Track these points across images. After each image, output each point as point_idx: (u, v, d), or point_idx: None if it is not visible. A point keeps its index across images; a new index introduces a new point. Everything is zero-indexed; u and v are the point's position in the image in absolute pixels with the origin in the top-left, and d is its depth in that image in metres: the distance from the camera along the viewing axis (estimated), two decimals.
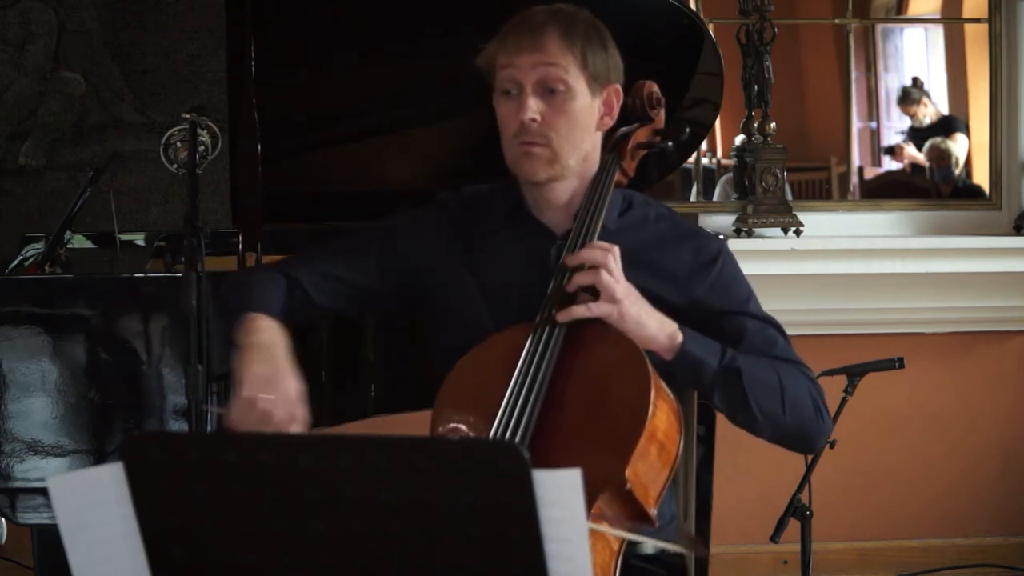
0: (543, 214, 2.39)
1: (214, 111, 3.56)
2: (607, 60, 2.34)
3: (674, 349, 2.23)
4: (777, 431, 2.30)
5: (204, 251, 2.53)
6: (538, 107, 2.29)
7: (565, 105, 2.29)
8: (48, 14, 4.32)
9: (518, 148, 2.31)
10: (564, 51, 2.28)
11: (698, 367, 2.24)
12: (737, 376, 2.25)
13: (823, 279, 4.46)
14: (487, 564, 1.60)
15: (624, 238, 2.33)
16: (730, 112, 4.52)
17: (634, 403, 2.12)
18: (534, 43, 2.28)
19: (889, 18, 5.25)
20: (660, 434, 2.14)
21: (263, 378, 2.19)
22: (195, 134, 2.88)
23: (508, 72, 2.30)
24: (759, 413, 2.26)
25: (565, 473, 1.55)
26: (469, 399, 2.23)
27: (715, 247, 2.39)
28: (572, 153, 2.32)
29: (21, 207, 4.29)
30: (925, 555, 4.60)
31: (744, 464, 4.45)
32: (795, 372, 2.31)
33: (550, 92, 2.29)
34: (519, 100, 2.30)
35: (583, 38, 2.30)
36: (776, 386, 2.27)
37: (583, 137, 2.33)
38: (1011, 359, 4.64)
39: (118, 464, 1.67)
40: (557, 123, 2.29)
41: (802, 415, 2.29)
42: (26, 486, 2.89)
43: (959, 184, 5.00)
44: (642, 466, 2.11)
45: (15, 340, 2.88)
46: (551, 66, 2.28)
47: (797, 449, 2.41)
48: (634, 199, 2.43)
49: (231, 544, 1.66)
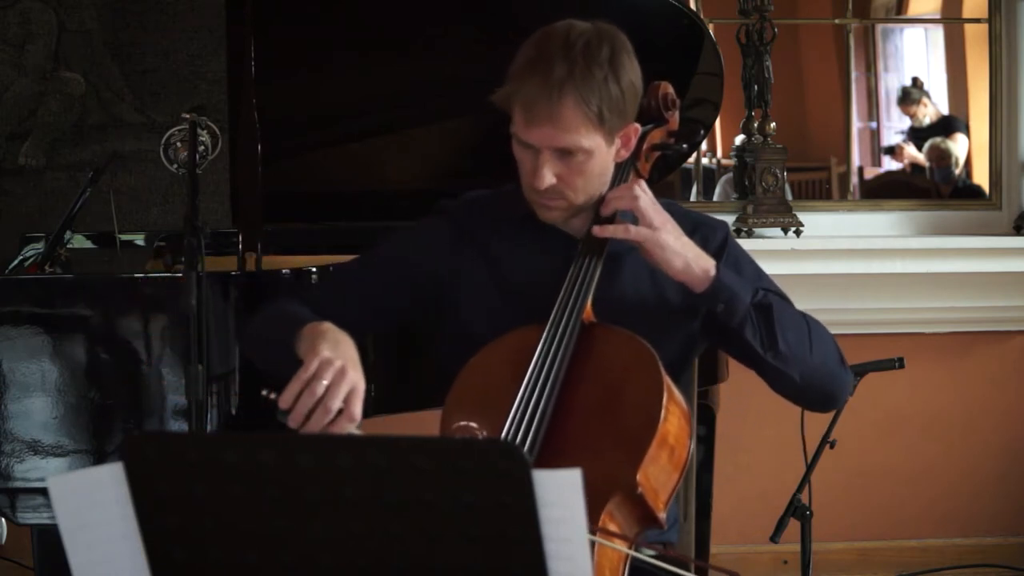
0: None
1: (214, 111, 3.56)
2: (624, 102, 2.26)
3: (708, 280, 2.24)
4: (805, 375, 2.30)
5: (204, 251, 2.53)
6: (554, 170, 2.26)
7: (583, 166, 2.27)
8: (48, 14, 4.32)
9: (533, 196, 2.32)
10: (580, 118, 2.22)
11: (731, 300, 2.25)
12: (768, 311, 2.26)
13: (823, 279, 4.46)
14: (487, 564, 1.60)
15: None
16: (730, 112, 4.52)
17: (646, 406, 2.12)
18: (550, 114, 2.21)
19: (889, 18, 5.25)
20: (671, 438, 2.13)
21: (327, 362, 2.10)
22: (195, 134, 2.88)
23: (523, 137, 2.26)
24: (788, 351, 2.27)
25: (565, 473, 1.55)
26: (480, 400, 2.23)
27: (720, 234, 2.41)
28: (590, 199, 2.33)
29: (21, 207, 4.29)
30: (925, 555, 4.60)
31: (744, 464, 4.46)
32: (818, 324, 2.34)
33: (567, 153, 2.25)
34: (535, 161, 2.26)
35: (599, 93, 2.22)
36: (804, 327, 2.30)
37: (601, 181, 2.33)
38: (1011, 359, 4.64)
39: (118, 464, 1.67)
40: (574, 182, 2.28)
41: (828, 359, 2.32)
42: (26, 486, 2.89)
43: (959, 184, 5.00)
44: (653, 470, 2.11)
45: (15, 340, 2.88)
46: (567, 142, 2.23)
47: (820, 403, 2.40)
48: None
49: (231, 544, 1.66)
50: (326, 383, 2.07)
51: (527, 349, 2.20)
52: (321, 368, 2.08)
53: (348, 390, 2.08)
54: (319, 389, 2.07)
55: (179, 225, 2.61)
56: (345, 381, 2.08)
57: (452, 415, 2.24)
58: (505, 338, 2.26)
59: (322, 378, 2.07)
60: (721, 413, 3.67)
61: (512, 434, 2.12)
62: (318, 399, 2.07)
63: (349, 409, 2.08)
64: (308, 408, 2.06)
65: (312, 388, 2.07)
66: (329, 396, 2.07)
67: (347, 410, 2.08)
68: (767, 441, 4.44)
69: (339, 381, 2.08)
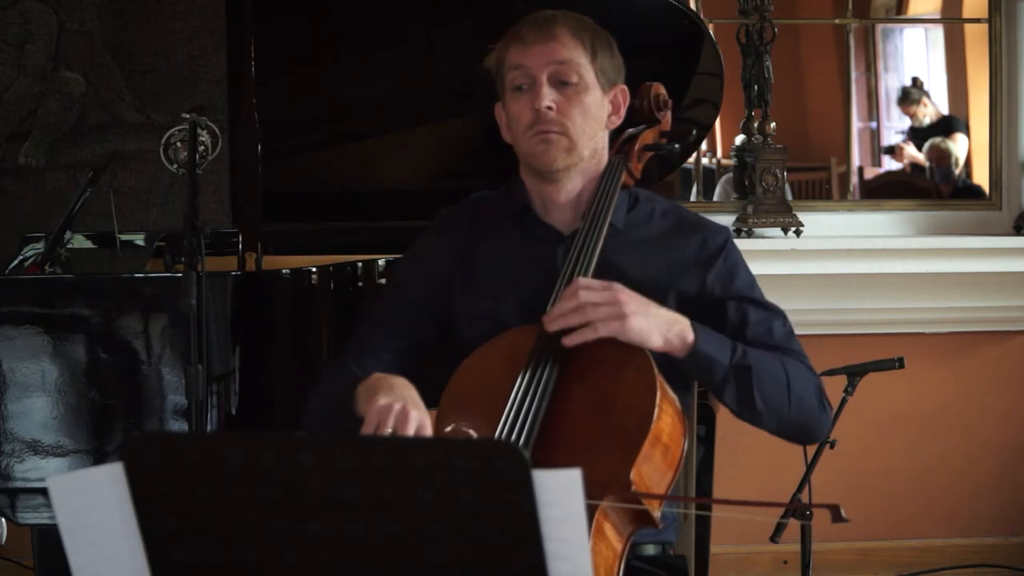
0: (550, 215, 2.40)
1: (214, 111, 3.56)
2: (613, 59, 2.38)
3: (686, 349, 2.23)
4: (782, 425, 2.32)
5: (204, 251, 2.53)
6: (553, 96, 2.31)
7: (579, 96, 2.32)
8: (48, 14, 4.32)
9: (534, 138, 2.33)
10: (576, 43, 2.32)
11: (710, 365, 2.25)
12: (747, 373, 2.26)
13: (823, 279, 4.46)
14: (487, 564, 1.60)
15: (632, 234, 2.38)
16: (730, 112, 4.52)
17: (639, 405, 2.12)
18: (547, 34, 2.32)
19: (889, 18, 5.25)
20: (665, 436, 2.14)
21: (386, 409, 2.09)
22: (195, 134, 2.88)
23: (520, 66, 2.33)
24: (765, 408, 2.28)
25: (565, 473, 1.55)
26: (474, 399, 2.23)
27: (720, 238, 2.41)
28: (587, 143, 2.35)
29: (21, 207, 4.29)
30: (925, 555, 4.60)
31: (744, 464, 4.45)
32: (799, 365, 2.33)
33: (564, 84, 2.32)
34: (532, 92, 2.32)
35: (591, 34, 2.35)
36: (783, 381, 2.29)
37: (596, 130, 2.36)
38: (1011, 359, 4.64)
39: (118, 464, 1.67)
40: (572, 112, 2.32)
41: (806, 409, 2.32)
42: (26, 486, 2.89)
43: (959, 184, 5.00)
44: (647, 468, 2.11)
45: (15, 340, 2.88)
46: (564, 58, 2.31)
47: (799, 441, 2.43)
48: (640, 195, 2.45)
49: (231, 544, 1.66)
50: (390, 430, 2.07)
51: (520, 350, 2.21)
52: (382, 417, 2.08)
53: (415, 428, 2.08)
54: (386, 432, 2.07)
55: (179, 225, 2.61)
56: (409, 421, 2.08)
57: (446, 416, 2.24)
58: (498, 339, 2.27)
59: (386, 426, 2.07)
60: (721, 413, 3.66)
61: (506, 434, 2.12)
62: None
63: None
64: None
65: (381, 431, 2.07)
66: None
67: None
68: (767, 441, 4.40)
69: (403, 423, 2.08)
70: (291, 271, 3.03)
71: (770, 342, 2.33)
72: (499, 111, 2.41)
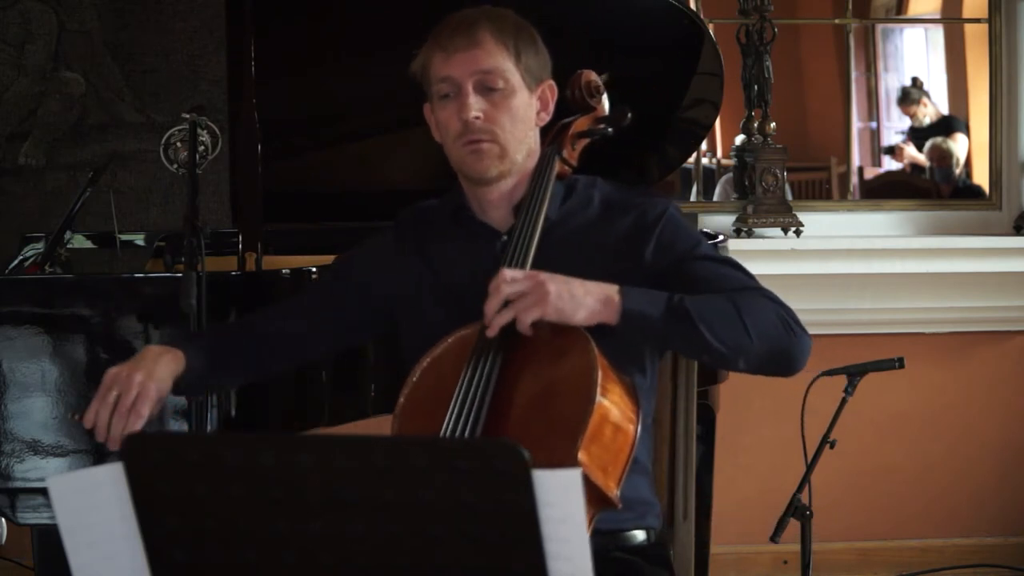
0: (486, 214, 2.40)
1: (214, 111, 3.56)
2: (539, 57, 2.36)
3: (616, 312, 2.18)
4: (752, 359, 2.23)
5: (204, 251, 2.53)
6: (479, 105, 2.30)
7: (506, 101, 2.31)
8: (48, 14, 4.32)
9: (464, 148, 2.32)
10: (499, 47, 2.30)
11: (644, 320, 2.19)
12: (687, 317, 2.19)
13: (823, 279, 4.46)
14: (487, 564, 1.60)
15: (568, 224, 2.36)
16: (730, 112, 4.52)
17: (580, 386, 2.12)
18: (469, 40, 2.30)
19: (889, 18, 5.25)
20: (613, 416, 2.13)
21: (115, 376, 2.26)
22: (195, 134, 2.88)
23: (445, 78, 2.31)
24: (723, 347, 2.20)
25: (565, 473, 1.55)
26: (424, 402, 2.24)
27: (658, 209, 2.36)
28: (518, 147, 2.33)
29: (21, 207, 4.29)
30: (925, 555, 4.60)
31: (744, 464, 4.46)
32: (754, 296, 2.26)
33: (489, 90, 2.30)
34: (459, 101, 2.31)
35: (515, 34, 2.33)
36: (733, 314, 2.20)
37: (526, 132, 2.35)
38: (1011, 359, 4.64)
39: (118, 464, 1.67)
40: (500, 119, 2.30)
41: (771, 335, 2.22)
42: (26, 486, 2.89)
43: (959, 184, 5.00)
44: (596, 448, 2.10)
45: (15, 340, 2.88)
46: (488, 67, 2.29)
47: (780, 372, 2.29)
48: (577, 184, 2.42)
49: (231, 544, 1.66)
50: (116, 393, 2.24)
51: (466, 347, 2.21)
52: (111, 382, 2.26)
53: (136, 394, 2.24)
54: (110, 399, 2.24)
55: (179, 225, 2.61)
56: (132, 386, 2.24)
57: (399, 422, 2.25)
58: (445, 341, 2.27)
59: (112, 390, 2.24)
60: (721, 413, 3.67)
61: (451, 430, 2.13)
62: (111, 408, 2.23)
63: (136, 409, 2.23)
64: (105, 419, 2.23)
65: (105, 400, 2.24)
66: (120, 403, 2.23)
67: (134, 410, 2.23)
68: (767, 441, 4.44)
69: (127, 388, 2.24)
70: (291, 271, 3.03)
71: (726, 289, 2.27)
72: (428, 112, 2.40)
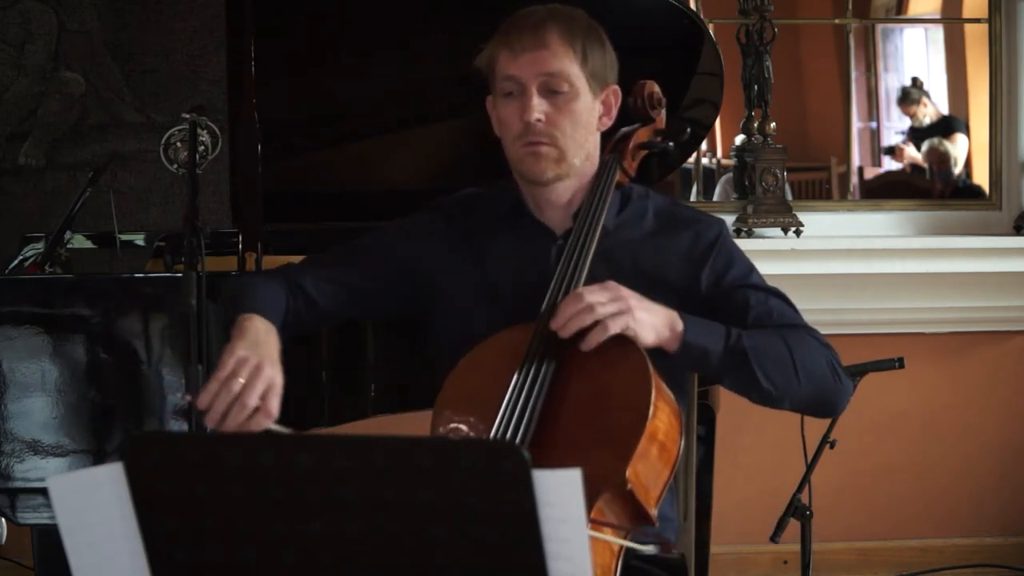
0: (543, 214, 2.40)
1: (214, 111, 3.56)
2: (605, 59, 2.35)
3: (677, 339, 2.21)
4: (796, 402, 2.29)
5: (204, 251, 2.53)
6: (542, 107, 2.29)
7: (569, 105, 2.30)
8: (48, 14, 4.32)
9: (523, 149, 2.31)
10: (566, 49, 2.29)
11: (704, 354, 2.23)
12: (743, 356, 2.23)
13: (823, 279, 4.46)
14: (487, 564, 1.60)
15: (621, 235, 2.37)
16: (730, 112, 4.52)
17: (635, 403, 2.12)
18: (536, 41, 2.28)
19: (889, 18, 5.25)
20: (661, 434, 2.14)
21: (243, 360, 2.12)
22: (195, 134, 2.88)
23: (510, 73, 2.30)
24: (773, 388, 2.25)
25: (565, 473, 1.55)
26: (470, 399, 2.23)
27: (712, 233, 2.39)
28: (577, 152, 2.33)
29: (21, 207, 4.29)
30: (925, 555, 4.60)
31: (744, 464, 4.45)
32: (805, 338, 2.30)
33: (553, 93, 2.29)
34: (522, 101, 2.30)
35: (583, 36, 2.31)
36: (787, 357, 2.26)
37: (586, 137, 2.34)
38: (1011, 359, 4.64)
39: (118, 464, 1.67)
40: (562, 123, 2.30)
41: (819, 381, 2.28)
42: (26, 486, 2.89)
43: (959, 184, 5.00)
44: (643, 466, 2.11)
45: (15, 340, 2.88)
46: (554, 69, 2.28)
47: (819, 415, 2.40)
48: (632, 194, 2.43)
49: (231, 544, 1.66)
50: (242, 381, 2.09)
51: (516, 349, 2.21)
52: (237, 366, 2.11)
53: (265, 387, 2.10)
54: (235, 387, 2.08)
55: (179, 225, 2.60)
56: (261, 378, 2.10)
57: (441, 416, 2.24)
58: (494, 338, 2.26)
59: (238, 376, 2.09)
60: (721, 413, 3.67)
61: (502, 433, 2.12)
62: (234, 397, 2.08)
63: (266, 405, 2.10)
64: (225, 406, 2.08)
65: (228, 386, 2.09)
66: (245, 394, 2.08)
67: (264, 407, 2.10)
68: (767, 441, 4.44)
69: (255, 378, 2.10)
70: None
71: (773, 322, 2.31)
72: (491, 104, 2.39)
